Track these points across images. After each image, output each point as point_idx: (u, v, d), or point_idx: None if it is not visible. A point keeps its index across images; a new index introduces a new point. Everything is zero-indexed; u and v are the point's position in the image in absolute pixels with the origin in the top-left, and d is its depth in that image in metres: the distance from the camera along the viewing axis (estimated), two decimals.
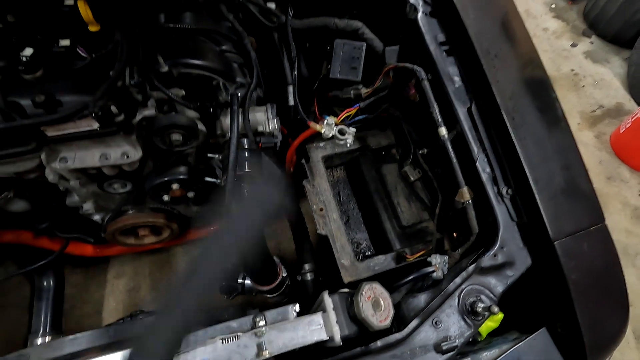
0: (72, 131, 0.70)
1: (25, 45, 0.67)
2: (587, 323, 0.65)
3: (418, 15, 0.85)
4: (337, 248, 0.90)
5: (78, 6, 0.73)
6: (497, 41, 0.81)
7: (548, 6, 3.00)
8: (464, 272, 0.68)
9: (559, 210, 0.69)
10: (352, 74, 0.93)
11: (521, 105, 0.76)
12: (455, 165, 0.77)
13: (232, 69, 0.92)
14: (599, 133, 2.31)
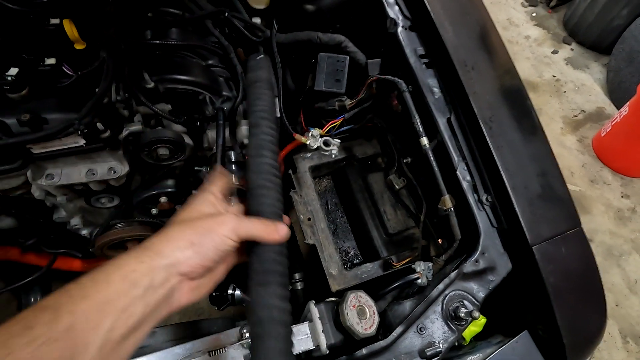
0: (58, 148, 0.71)
1: (11, 65, 0.68)
2: (566, 325, 0.67)
3: (398, 29, 0.88)
4: (324, 257, 0.91)
5: (64, 25, 0.75)
6: (473, 54, 0.84)
7: (529, 15, 3.09)
8: (447, 279, 0.70)
9: (537, 216, 0.72)
10: (337, 86, 0.95)
11: (498, 114, 0.79)
12: (437, 174, 0.80)
13: (218, 83, 0.93)
14: (582, 137, 2.37)
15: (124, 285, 0.36)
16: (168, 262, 0.39)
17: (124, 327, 0.35)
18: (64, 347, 0.31)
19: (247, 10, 1.05)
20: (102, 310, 0.34)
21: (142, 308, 0.36)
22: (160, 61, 0.85)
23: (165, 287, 0.39)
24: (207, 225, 0.42)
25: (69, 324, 0.32)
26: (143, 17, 0.89)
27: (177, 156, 0.84)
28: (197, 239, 0.41)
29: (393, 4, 0.91)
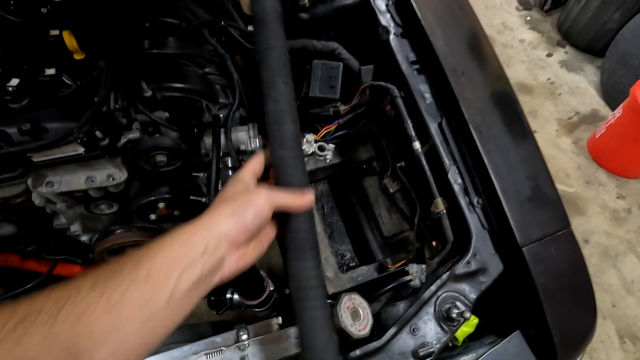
0: (58, 156, 0.73)
1: (12, 76, 0.70)
2: (556, 324, 0.69)
3: (390, 36, 0.90)
4: (321, 261, 0.92)
5: (63, 36, 0.77)
6: (464, 60, 0.86)
7: (523, 18, 3.13)
8: (439, 280, 0.71)
9: (526, 218, 0.73)
10: (331, 92, 0.97)
11: (488, 119, 0.81)
12: (430, 178, 0.81)
13: (215, 91, 0.95)
14: (577, 139, 2.40)
15: (185, 248, 0.42)
16: (217, 231, 0.45)
17: (186, 283, 0.41)
18: (144, 290, 0.38)
19: (243, 18, 1.07)
20: (170, 265, 0.40)
21: (201, 268, 0.42)
22: (157, 70, 0.87)
23: (217, 253, 0.44)
24: (244, 198, 0.49)
25: (147, 273, 0.38)
26: (141, 27, 0.91)
27: (175, 163, 0.86)
28: (238, 209, 0.47)
29: (385, 12, 0.94)
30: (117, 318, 0.36)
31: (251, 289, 0.97)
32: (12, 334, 0.30)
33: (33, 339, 0.31)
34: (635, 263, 1.92)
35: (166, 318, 0.40)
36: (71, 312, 0.34)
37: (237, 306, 1.08)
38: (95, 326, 0.34)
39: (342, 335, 0.66)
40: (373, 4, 0.94)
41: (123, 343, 0.36)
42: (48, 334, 0.32)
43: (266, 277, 1.04)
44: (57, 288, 0.35)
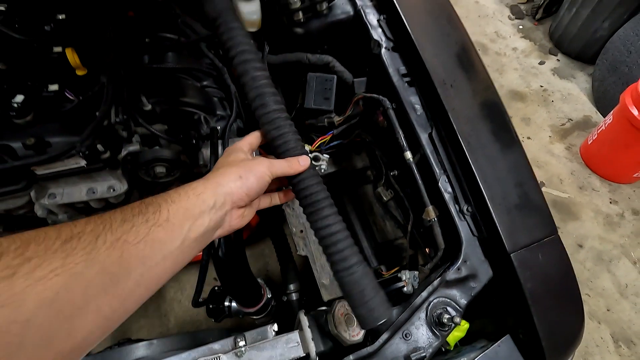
0: (61, 169, 0.75)
1: (16, 92, 0.73)
2: (544, 328, 0.71)
3: (381, 50, 0.93)
4: (317, 268, 0.95)
5: (66, 53, 0.80)
6: (452, 72, 0.89)
7: (516, 27, 3.19)
8: (430, 286, 0.74)
9: (514, 225, 0.76)
10: (325, 104, 1.00)
11: (476, 129, 0.84)
12: (421, 186, 0.84)
13: (213, 103, 0.98)
14: (570, 145, 2.43)
15: (197, 201, 0.47)
16: (225, 190, 0.50)
17: (196, 232, 0.46)
18: (164, 231, 0.42)
19: None
20: (185, 213, 0.45)
21: (208, 221, 0.47)
22: (157, 84, 0.90)
23: (223, 209, 0.50)
24: (249, 165, 0.55)
25: (166, 217, 0.43)
26: (141, 43, 0.94)
27: (174, 174, 0.89)
28: (244, 174, 0.53)
29: (376, 26, 0.97)
30: (142, 251, 0.40)
31: (249, 297, 0.99)
32: (60, 251, 0.34)
33: (78, 256, 0.34)
34: (629, 267, 1.94)
35: (177, 260, 0.44)
36: (107, 239, 0.37)
37: (235, 314, 1.09)
38: (125, 254, 0.38)
39: (336, 341, 0.68)
40: (365, 19, 0.98)
41: (145, 274, 0.40)
42: (89, 255, 0.35)
43: (264, 284, 1.06)
44: (92, 219, 0.39)
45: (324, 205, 0.61)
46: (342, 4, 1.02)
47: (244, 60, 0.63)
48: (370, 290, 0.59)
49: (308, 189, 0.61)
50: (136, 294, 0.40)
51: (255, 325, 0.80)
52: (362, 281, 0.59)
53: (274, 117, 0.62)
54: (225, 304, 1.09)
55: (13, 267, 0.30)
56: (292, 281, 1.12)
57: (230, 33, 0.64)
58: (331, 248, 0.59)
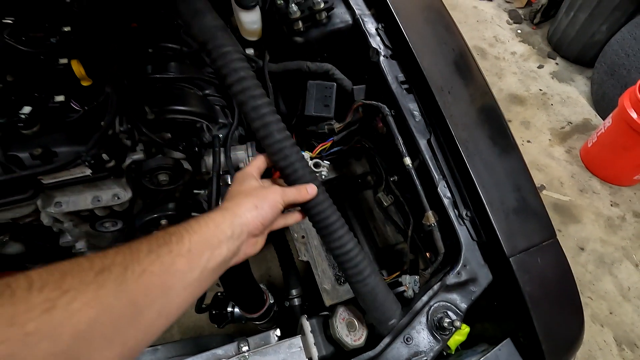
0: (67, 178, 0.77)
1: (24, 103, 0.75)
2: (544, 331, 0.71)
3: (380, 58, 0.95)
4: (318, 273, 0.95)
5: (72, 64, 0.82)
6: (450, 79, 0.90)
7: (514, 31, 3.22)
8: (430, 290, 0.74)
9: (513, 229, 0.77)
10: (325, 111, 1.02)
11: (474, 135, 0.85)
12: (420, 192, 0.85)
13: (215, 112, 1.00)
14: (570, 148, 2.44)
15: (216, 231, 0.49)
16: (242, 220, 0.52)
17: (214, 262, 0.47)
18: (186, 262, 0.43)
19: (241, 41, 1.12)
20: (205, 244, 0.46)
21: (226, 251, 0.49)
22: (160, 93, 0.92)
23: (239, 239, 0.51)
24: (263, 194, 0.57)
25: (188, 247, 0.44)
26: (144, 53, 0.96)
27: (177, 181, 0.90)
28: (259, 203, 0.55)
29: (375, 35, 0.99)
30: (166, 282, 0.41)
31: (252, 303, 1.00)
32: (94, 283, 0.35)
33: (109, 289, 0.35)
34: (631, 270, 1.94)
35: (195, 290, 0.45)
36: (135, 270, 0.38)
37: (238, 319, 1.10)
38: (151, 285, 0.39)
39: (338, 346, 0.68)
40: (364, 28, 1.00)
41: (166, 305, 0.41)
42: (119, 287, 0.36)
43: (266, 290, 1.07)
44: (120, 250, 0.40)
45: (336, 227, 0.66)
46: (341, 13, 1.04)
47: (242, 90, 0.62)
48: (382, 297, 0.68)
49: (320, 214, 0.65)
50: (157, 325, 0.40)
51: (257, 331, 0.81)
52: (375, 290, 0.67)
53: (280, 147, 0.64)
54: (228, 310, 1.10)
55: (53, 300, 0.31)
56: (294, 286, 1.13)
57: (224, 59, 0.61)
58: (346, 264, 0.66)
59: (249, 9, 1.04)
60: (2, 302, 0.30)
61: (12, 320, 0.29)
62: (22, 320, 0.30)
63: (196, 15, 0.63)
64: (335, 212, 0.67)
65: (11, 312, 0.30)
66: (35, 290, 0.31)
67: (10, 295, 0.30)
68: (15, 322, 0.29)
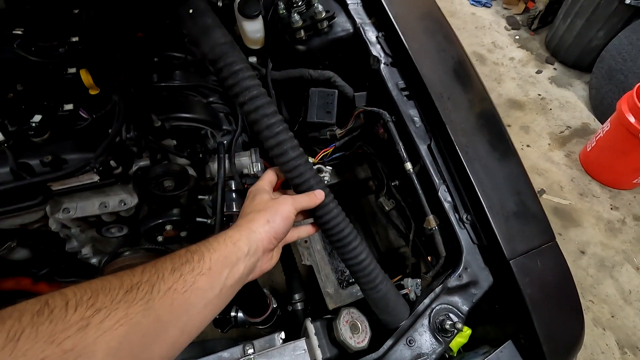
0: (75, 184, 0.78)
1: (34, 112, 0.76)
2: (545, 333, 0.72)
3: (380, 65, 0.97)
4: (321, 277, 0.97)
5: (80, 74, 0.84)
6: (449, 86, 0.92)
7: (513, 37, 3.25)
8: (432, 293, 0.76)
9: (512, 232, 0.78)
10: (327, 117, 1.03)
11: (473, 140, 0.86)
12: (421, 196, 0.87)
13: (219, 119, 1.02)
14: (569, 152, 2.46)
15: (234, 249, 0.49)
16: (257, 237, 0.53)
17: (232, 279, 0.48)
18: (207, 280, 0.44)
19: (244, 50, 1.15)
20: (224, 261, 0.47)
21: (243, 267, 0.50)
22: (166, 101, 0.94)
23: (256, 255, 0.52)
24: (274, 208, 0.57)
25: (209, 266, 0.45)
26: (150, 62, 0.98)
27: (182, 187, 0.92)
28: (271, 217, 0.56)
29: (375, 43, 1.01)
30: (188, 299, 0.42)
31: (255, 307, 1.01)
32: (124, 301, 0.36)
33: (137, 306, 0.37)
34: (632, 273, 1.95)
35: (215, 307, 0.46)
36: (160, 288, 0.40)
37: (241, 324, 1.11)
38: (175, 303, 0.40)
39: (342, 348, 0.70)
40: (364, 36, 1.02)
41: (188, 322, 0.42)
42: (146, 304, 0.38)
43: (269, 294, 1.08)
44: (147, 268, 0.41)
45: (350, 239, 0.68)
46: (342, 22, 1.06)
47: (256, 108, 0.62)
48: (393, 302, 0.72)
49: (333, 227, 0.67)
50: (179, 342, 0.42)
51: (261, 336, 0.82)
52: (387, 296, 0.71)
53: (295, 164, 0.64)
54: (232, 314, 1.11)
55: (87, 319, 0.33)
56: (297, 291, 1.14)
57: (235, 78, 0.61)
58: (359, 273, 0.69)
59: (252, 18, 1.06)
60: (42, 320, 0.32)
61: (51, 338, 0.31)
62: (61, 338, 0.32)
63: (205, 33, 0.62)
64: (347, 223, 0.69)
65: (50, 330, 0.32)
66: (71, 308, 0.33)
67: (49, 313, 0.32)
68: (54, 340, 0.31)
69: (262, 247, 0.53)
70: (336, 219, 0.67)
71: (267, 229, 0.54)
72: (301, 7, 1.05)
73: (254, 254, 0.51)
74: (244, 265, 0.50)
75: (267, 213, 0.56)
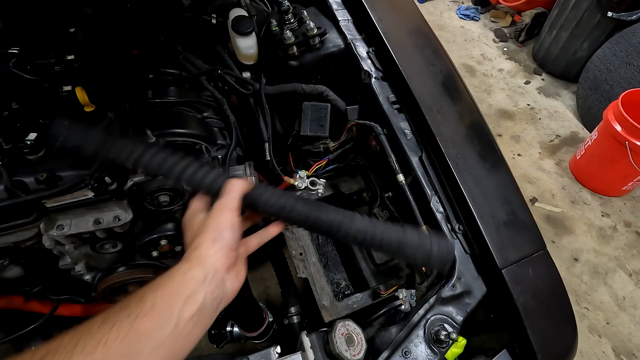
0: (70, 201, 0.78)
1: (29, 130, 0.77)
2: (538, 341, 0.73)
3: (372, 80, 1.00)
4: (317, 290, 0.97)
5: (75, 91, 0.85)
6: (438, 98, 0.95)
7: (501, 49, 3.33)
8: (427, 304, 0.76)
9: (504, 241, 0.79)
10: (320, 130, 1.05)
11: (463, 151, 0.89)
12: (414, 207, 0.88)
13: (213, 133, 1.03)
14: (559, 160, 2.50)
15: (184, 280, 0.46)
16: (210, 260, 0.49)
17: (190, 311, 0.44)
18: (151, 320, 0.41)
19: (238, 66, 1.17)
20: (172, 296, 0.44)
21: (203, 295, 0.46)
22: (160, 117, 0.95)
23: (216, 278, 0.49)
24: (214, 223, 0.53)
25: (151, 304, 0.43)
26: (145, 79, 1.00)
27: (177, 202, 0.92)
28: (214, 234, 0.51)
29: (366, 58, 1.04)
30: (130, 346, 0.39)
31: (251, 321, 1.00)
32: None
33: None
34: (625, 280, 1.97)
35: (174, 345, 0.43)
36: (85, 346, 0.37)
37: (237, 339, 1.11)
38: (110, 356, 0.37)
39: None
40: (355, 52, 1.05)
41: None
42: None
43: (265, 308, 1.08)
44: (69, 331, 0.38)
45: (309, 209, 0.57)
46: (334, 38, 1.09)
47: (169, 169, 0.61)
48: (412, 239, 0.57)
49: (277, 203, 0.58)
50: None
51: (257, 351, 0.81)
52: (402, 239, 0.57)
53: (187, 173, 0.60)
54: (227, 329, 1.11)
55: None
56: (293, 304, 1.14)
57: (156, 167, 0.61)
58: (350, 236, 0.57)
59: (245, 35, 1.09)
60: None
61: None
62: None
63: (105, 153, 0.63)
64: (297, 198, 0.59)
65: None
66: None
67: None
68: None
69: (220, 267, 0.50)
70: (282, 197, 0.58)
71: (218, 247, 0.50)
72: (293, 24, 1.08)
73: (213, 279, 0.48)
74: (204, 293, 0.46)
75: (208, 232, 0.52)
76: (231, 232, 0.52)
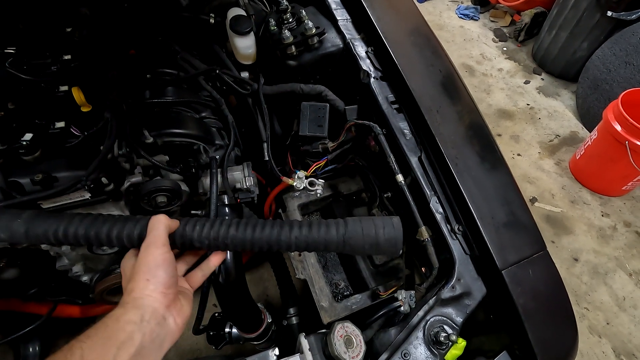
0: (66, 202, 0.78)
1: (25, 130, 0.76)
2: (538, 342, 0.72)
3: (370, 79, 0.99)
4: (315, 291, 0.96)
5: (72, 92, 0.84)
6: (438, 98, 0.94)
7: (500, 49, 3.32)
8: (426, 305, 0.76)
9: (504, 242, 0.79)
10: (319, 130, 1.05)
11: (463, 151, 0.88)
12: (413, 208, 0.87)
13: (211, 134, 1.02)
14: (559, 160, 2.49)
15: (117, 325, 0.46)
16: (146, 301, 0.49)
17: (127, 354, 0.44)
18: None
19: (236, 65, 1.16)
20: (105, 344, 0.43)
21: (141, 336, 0.46)
22: (158, 117, 0.94)
23: (155, 318, 0.48)
24: (143, 264, 0.52)
25: (80, 356, 0.41)
26: (142, 79, 0.99)
27: (175, 202, 0.91)
28: (148, 274, 0.51)
29: (365, 58, 1.03)
30: None
31: (250, 322, 1.00)
32: None
33: None
34: (625, 280, 1.96)
35: None
36: None
37: (235, 340, 1.10)
38: None
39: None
40: (354, 51, 1.04)
41: None
42: None
43: (264, 309, 1.07)
44: None
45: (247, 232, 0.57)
46: (332, 37, 1.09)
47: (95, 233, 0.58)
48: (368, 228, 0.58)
49: (203, 232, 0.58)
50: None
51: (256, 352, 0.81)
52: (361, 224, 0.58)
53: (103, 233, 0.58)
54: (226, 330, 1.10)
55: None
56: (292, 305, 1.13)
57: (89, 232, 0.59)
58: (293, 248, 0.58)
59: (243, 35, 1.08)
60: None
61: None
62: None
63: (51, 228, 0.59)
64: (230, 224, 0.59)
65: None
66: None
67: None
68: None
69: (159, 306, 0.49)
70: (213, 227, 0.58)
71: (152, 287, 0.50)
72: (292, 23, 1.07)
73: (151, 318, 0.47)
74: (142, 334, 0.46)
75: (140, 274, 0.51)
76: (163, 269, 0.51)
